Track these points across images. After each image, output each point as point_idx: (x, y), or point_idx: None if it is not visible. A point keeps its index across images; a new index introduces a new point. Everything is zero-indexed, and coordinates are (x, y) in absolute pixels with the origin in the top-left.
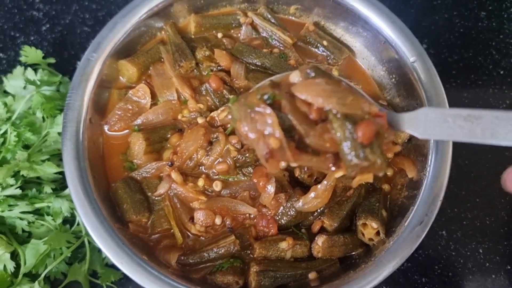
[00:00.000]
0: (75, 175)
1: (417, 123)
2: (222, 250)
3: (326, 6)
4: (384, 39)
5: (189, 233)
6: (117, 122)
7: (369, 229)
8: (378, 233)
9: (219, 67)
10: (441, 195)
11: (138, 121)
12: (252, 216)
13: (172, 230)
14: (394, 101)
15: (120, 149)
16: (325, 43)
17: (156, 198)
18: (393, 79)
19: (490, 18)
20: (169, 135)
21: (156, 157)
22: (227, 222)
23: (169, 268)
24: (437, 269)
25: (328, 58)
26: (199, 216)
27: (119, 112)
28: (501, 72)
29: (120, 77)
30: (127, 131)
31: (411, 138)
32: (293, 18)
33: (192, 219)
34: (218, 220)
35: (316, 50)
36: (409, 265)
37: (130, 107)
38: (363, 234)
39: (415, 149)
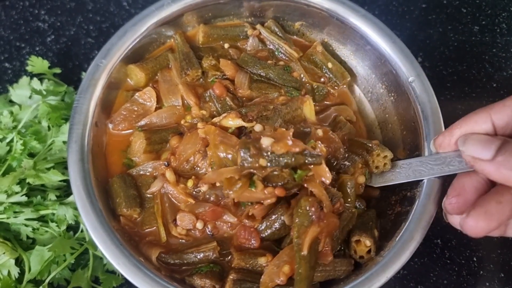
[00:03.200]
0: (78, 176)
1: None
2: (201, 255)
3: (330, 24)
4: (384, 58)
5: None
6: (122, 122)
7: (361, 246)
8: (369, 251)
9: (224, 76)
10: (433, 212)
11: (142, 122)
12: (232, 225)
13: (157, 228)
14: (391, 119)
15: (121, 147)
16: (329, 65)
17: (149, 196)
18: (392, 97)
19: (483, 32)
20: (170, 138)
21: (154, 157)
22: (208, 228)
23: (152, 264)
24: (432, 277)
25: (330, 80)
26: (181, 218)
27: (124, 113)
28: (494, 85)
29: (128, 80)
30: (130, 131)
31: None
32: (300, 39)
33: (175, 220)
34: (199, 225)
35: (320, 71)
36: (405, 273)
37: (136, 109)
38: (355, 251)
39: None
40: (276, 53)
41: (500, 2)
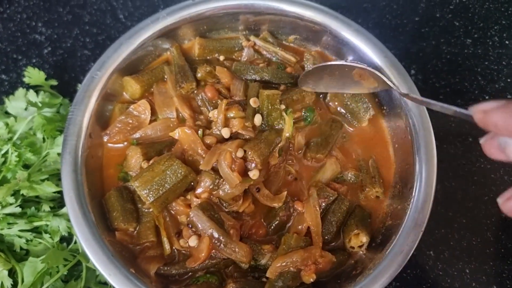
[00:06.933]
0: (71, 187)
1: None
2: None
3: (323, 38)
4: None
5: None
6: (117, 134)
7: (357, 239)
8: (360, 246)
9: (218, 82)
10: (423, 226)
11: (137, 135)
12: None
13: (153, 241)
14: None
15: (117, 160)
16: None
17: (146, 210)
18: (384, 111)
19: (476, 45)
20: (165, 151)
21: None
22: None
23: (149, 278)
24: None
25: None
26: (185, 233)
27: (119, 125)
28: (486, 97)
29: (124, 93)
30: (125, 143)
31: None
32: (293, 45)
33: (178, 233)
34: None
35: None
36: (398, 285)
37: (130, 121)
38: (349, 240)
39: (401, 180)
40: (273, 60)
41: (492, 15)
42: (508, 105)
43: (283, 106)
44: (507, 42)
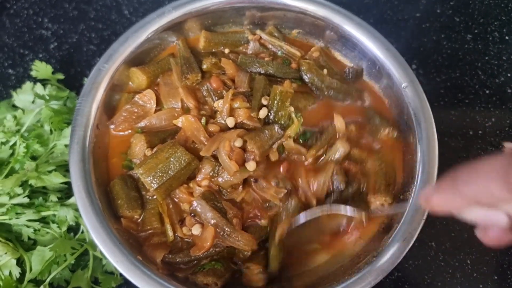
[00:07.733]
0: (79, 176)
1: None
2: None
3: (326, 31)
4: (379, 64)
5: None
6: (122, 123)
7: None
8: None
9: (224, 75)
10: (425, 215)
11: (142, 124)
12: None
13: (157, 228)
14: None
15: (121, 149)
16: (325, 71)
17: (149, 197)
18: (386, 103)
19: (476, 40)
20: (169, 140)
21: None
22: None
23: (155, 265)
24: (427, 279)
25: None
26: (189, 221)
27: (125, 114)
28: (487, 92)
29: (130, 83)
30: (130, 131)
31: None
32: (297, 39)
33: (181, 221)
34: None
35: None
36: (400, 275)
37: (136, 110)
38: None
39: (404, 172)
40: (278, 54)
41: (492, 11)
42: (440, 186)
43: (292, 108)
44: (507, 37)
